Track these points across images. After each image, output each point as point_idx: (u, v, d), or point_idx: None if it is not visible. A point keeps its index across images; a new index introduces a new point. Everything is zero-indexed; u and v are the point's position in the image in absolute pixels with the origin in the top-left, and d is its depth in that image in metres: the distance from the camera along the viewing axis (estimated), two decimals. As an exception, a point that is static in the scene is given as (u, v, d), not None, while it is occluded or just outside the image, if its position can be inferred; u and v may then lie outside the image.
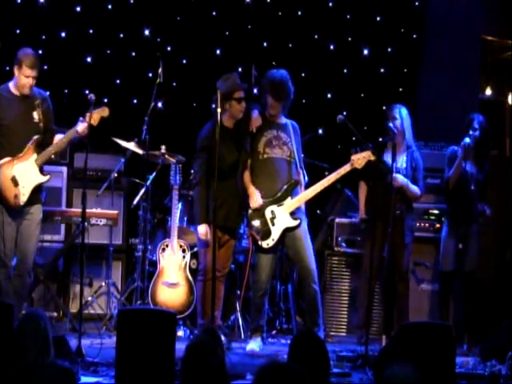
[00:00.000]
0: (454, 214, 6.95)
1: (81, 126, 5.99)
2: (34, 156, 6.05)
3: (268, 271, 6.46)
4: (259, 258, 6.47)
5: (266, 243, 6.39)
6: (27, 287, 6.28)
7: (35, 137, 6.03)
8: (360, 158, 6.37)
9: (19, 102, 6.10)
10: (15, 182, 5.99)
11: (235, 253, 7.46)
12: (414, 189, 6.78)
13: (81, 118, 6.00)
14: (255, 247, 6.49)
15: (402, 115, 6.81)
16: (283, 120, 6.59)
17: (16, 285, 6.09)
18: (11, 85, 6.14)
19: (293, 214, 6.42)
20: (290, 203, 6.42)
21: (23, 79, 6.04)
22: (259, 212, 6.42)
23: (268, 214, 6.41)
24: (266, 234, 6.40)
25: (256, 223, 6.41)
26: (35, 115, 6.09)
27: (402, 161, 6.78)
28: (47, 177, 6.16)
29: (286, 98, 6.48)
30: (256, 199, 6.39)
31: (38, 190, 6.14)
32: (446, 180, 6.97)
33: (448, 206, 7.10)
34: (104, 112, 6.11)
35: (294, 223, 6.41)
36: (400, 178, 6.65)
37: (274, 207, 6.41)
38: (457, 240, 6.87)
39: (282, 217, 6.41)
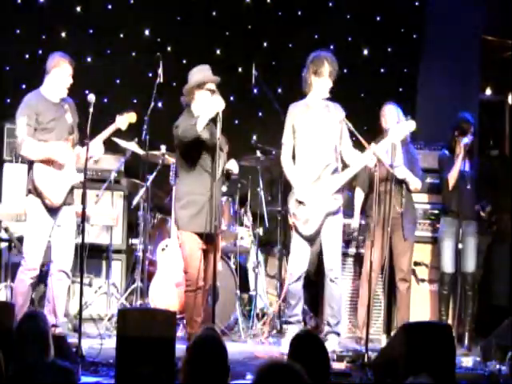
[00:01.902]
0: (452, 213, 6.96)
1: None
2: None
3: (303, 258, 6.31)
4: (295, 245, 6.35)
5: (307, 230, 6.29)
6: (67, 290, 6.32)
7: (71, 137, 6.10)
8: (400, 129, 6.29)
9: (54, 107, 6.18)
10: (54, 182, 6.04)
11: (236, 253, 7.48)
12: (416, 180, 6.81)
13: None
14: (297, 236, 6.35)
15: (394, 112, 6.86)
16: (325, 102, 6.43)
17: (57, 289, 6.10)
18: (44, 91, 6.18)
19: (333, 197, 6.29)
20: (331, 187, 6.29)
21: (65, 79, 6.15)
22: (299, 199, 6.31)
23: (309, 201, 6.28)
24: (307, 220, 6.28)
25: (297, 211, 6.29)
26: (67, 118, 6.18)
27: (398, 156, 6.78)
28: (81, 176, 6.22)
29: (333, 74, 6.38)
30: (303, 194, 6.26)
31: (71, 191, 6.18)
32: (445, 180, 6.98)
33: (445, 205, 7.10)
34: (132, 118, 6.25)
35: (335, 206, 6.28)
36: (402, 170, 6.68)
37: (314, 193, 6.28)
38: (455, 240, 6.89)
39: (322, 201, 6.27)
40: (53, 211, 6.09)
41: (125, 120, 6.24)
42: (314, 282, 7.13)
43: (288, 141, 6.40)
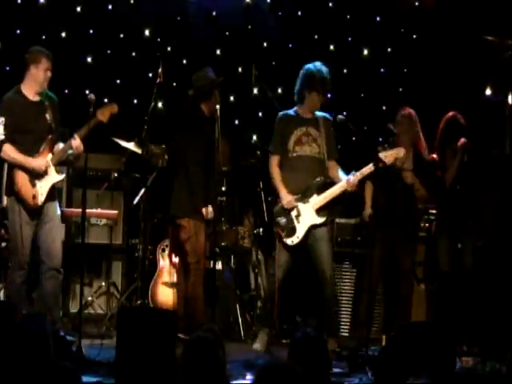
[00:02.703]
0: (446, 212, 6.99)
1: (74, 143, 6.00)
2: (50, 155, 6.11)
3: (285, 267, 6.36)
4: (279, 253, 6.40)
5: (291, 240, 6.32)
6: (60, 287, 6.30)
7: (49, 136, 6.09)
8: (388, 156, 6.33)
9: (33, 106, 6.13)
10: (32, 183, 6.04)
11: (236, 253, 7.49)
12: (423, 189, 6.82)
13: (74, 135, 6.00)
14: (280, 244, 6.42)
15: (408, 115, 6.84)
16: (314, 114, 6.49)
17: (50, 288, 6.11)
18: (25, 88, 6.15)
19: (319, 212, 6.34)
20: (317, 200, 6.33)
21: (44, 74, 6.10)
22: (285, 209, 6.36)
23: (293, 212, 6.33)
24: (291, 231, 6.33)
25: (281, 220, 6.36)
26: (47, 116, 6.14)
27: (408, 160, 6.81)
28: (63, 175, 6.21)
29: (321, 90, 6.40)
30: (289, 202, 6.32)
31: (52, 188, 6.18)
32: (442, 180, 6.99)
33: (439, 205, 7.12)
34: (113, 109, 6.13)
35: (320, 220, 6.32)
36: (412, 175, 6.68)
37: (299, 204, 6.34)
38: (450, 239, 6.91)
39: (307, 214, 6.33)
40: (35, 210, 6.08)
41: (106, 112, 6.07)
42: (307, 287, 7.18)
43: (276, 150, 6.47)
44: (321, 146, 6.40)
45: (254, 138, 8.40)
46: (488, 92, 8.53)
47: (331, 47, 8.85)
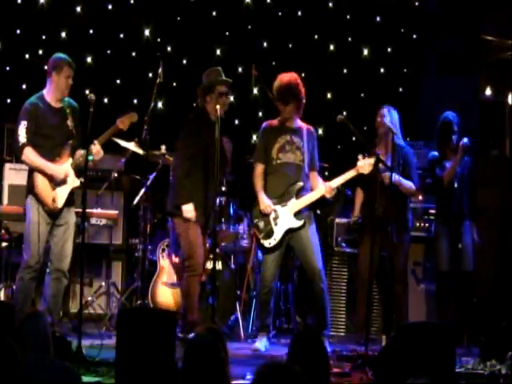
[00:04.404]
0: (445, 212, 6.99)
1: (93, 150, 6.07)
2: (70, 160, 6.21)
3: (273, 269, 6.43)
4: (264, 256, 6.48)
5: (268, 243, 6.39)
6: (63, 290, 6.35)
7: (70, 141, 6.16)
8: (366, 165, 6.35)
9: (55, 113, 6.23)
10: (52, 186, 6.10)
11: (236, 253, 7.49)
12: (408, 184, 6.80)
13: (94, 141, 6.08)
14: (259, 246, 6.50)
15: (389, 114, 6.84)
16: (297, 124, 6.55)
17: (54, 288, 6.17)
18: (47, 94, 6.23)
19: (296, 215, 6.41)
20: (294, 204, 6.40)
21: (65, 81, 6.18)
22: (262, 212, 6.40)
23: (271, 214, 6.40)
24: (269, 233, 6.39)
25: (259, 223, 6.42)
26: (69, 123, 6.24)
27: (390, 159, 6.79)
28: (82, 180, 6.25)
29: (293, 101, 6.44)
30: (266, 206, 6.37)
31: (71, 193, 6.24)
32: (440, 179, 6.98)
33: (438, 205, 7.12)
34: (133, 118, 6.30)
35: (297, 224, 6.39)
36: (388, 176, 6.65)
37: (277, 207, 6.40)
38: (450, 239, 6.91)
39: (284, 217, 6.39)
40: (52, 212, 6.14)
41: (126, 121, 6.24)
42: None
43: (259, 159, 6.53)
44: (304, 154, 6.45)
45: (254, 137, 8.41)
46: (488, 92, 8.55)
47: (331, 47, 8.86)
